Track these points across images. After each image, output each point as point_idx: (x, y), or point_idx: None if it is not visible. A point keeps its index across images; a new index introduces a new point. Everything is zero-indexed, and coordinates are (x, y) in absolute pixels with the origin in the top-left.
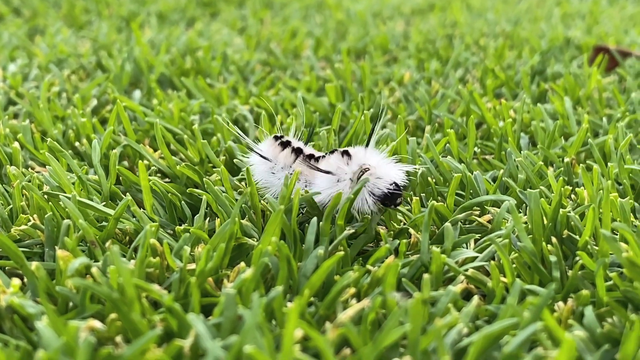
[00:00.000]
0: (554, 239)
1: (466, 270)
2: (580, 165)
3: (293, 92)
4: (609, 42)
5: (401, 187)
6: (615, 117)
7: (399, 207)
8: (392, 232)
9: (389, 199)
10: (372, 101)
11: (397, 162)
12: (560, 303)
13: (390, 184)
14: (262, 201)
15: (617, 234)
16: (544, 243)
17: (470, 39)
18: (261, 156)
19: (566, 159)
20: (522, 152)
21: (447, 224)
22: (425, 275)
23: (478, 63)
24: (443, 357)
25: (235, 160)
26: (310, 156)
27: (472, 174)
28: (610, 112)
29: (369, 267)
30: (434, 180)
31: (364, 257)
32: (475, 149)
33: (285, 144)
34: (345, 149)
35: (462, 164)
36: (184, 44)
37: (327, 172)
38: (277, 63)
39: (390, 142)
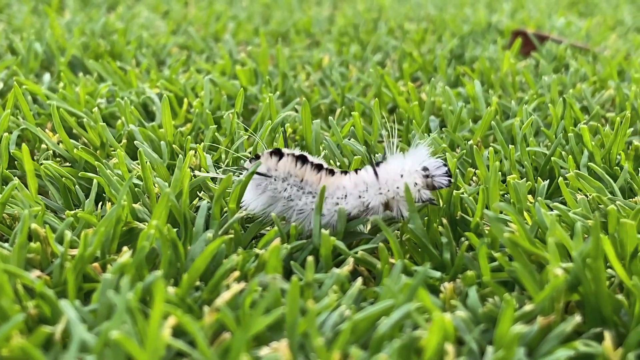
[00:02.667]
0: (444, 220)
1: (356, 252)
2: (475, 147)
3: (207, 75)
4: (530, 26)
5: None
6: (524, 100)
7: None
8: (285, 215)
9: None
10: (286, 85)
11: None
12: (447, 284)
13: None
14: (156, 185)
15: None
16: (434, 224)
17: (395, 23)
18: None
19: (470, 142)
20: (429, 134)
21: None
22: (309, 258)
23: (397, 47)
24: (316, 340)
25: (135, 142)
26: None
27: (374, 155)
28: (523, 96)
29: (257, 250)
30: (338, 163)
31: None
32: (384, 132)
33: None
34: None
35: (365, 146)
36: (100, 27)
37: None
38: (195, 46)
39: (297, 125)
